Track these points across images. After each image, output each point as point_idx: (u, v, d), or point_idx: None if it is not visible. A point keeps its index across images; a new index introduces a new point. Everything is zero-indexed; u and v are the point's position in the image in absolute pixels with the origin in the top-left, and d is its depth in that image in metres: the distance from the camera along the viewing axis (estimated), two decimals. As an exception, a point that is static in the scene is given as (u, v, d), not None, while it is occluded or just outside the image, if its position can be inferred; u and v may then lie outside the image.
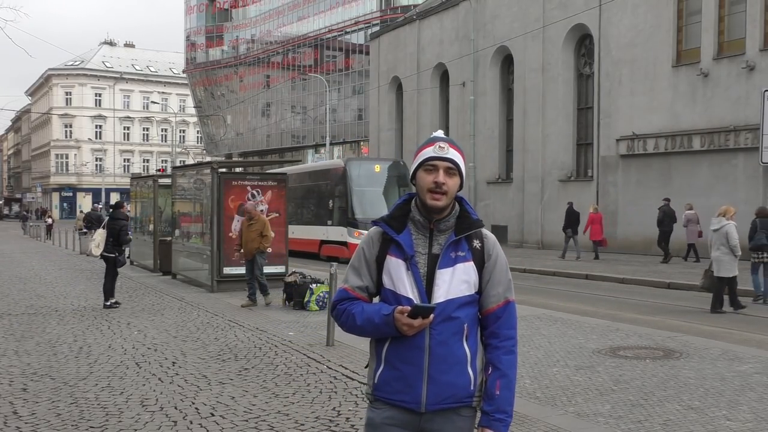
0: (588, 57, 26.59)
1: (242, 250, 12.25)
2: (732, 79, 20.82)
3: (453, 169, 2.50)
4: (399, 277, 2.49)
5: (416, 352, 2.44)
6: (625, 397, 6.11)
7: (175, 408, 5.90)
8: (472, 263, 2.51)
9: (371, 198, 21.99)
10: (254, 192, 14.19)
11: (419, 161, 2.53)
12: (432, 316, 2.40)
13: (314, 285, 11.57)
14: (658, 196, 22.29)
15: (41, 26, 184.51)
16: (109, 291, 11.93)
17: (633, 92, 23.66)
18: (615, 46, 24.29)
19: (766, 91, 18.94)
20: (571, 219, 21.87)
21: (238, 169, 23.94)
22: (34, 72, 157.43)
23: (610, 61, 24.51)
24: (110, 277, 11.97)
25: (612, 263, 20.06)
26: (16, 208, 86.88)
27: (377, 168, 23.07)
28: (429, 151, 2.51)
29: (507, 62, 30.39)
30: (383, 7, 49.21)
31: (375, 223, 2.62)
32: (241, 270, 13.90)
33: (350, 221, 22.01)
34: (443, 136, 2.59)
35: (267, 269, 14.18)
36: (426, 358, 2.44)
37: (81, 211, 42.84)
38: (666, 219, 20.16)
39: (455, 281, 2.47)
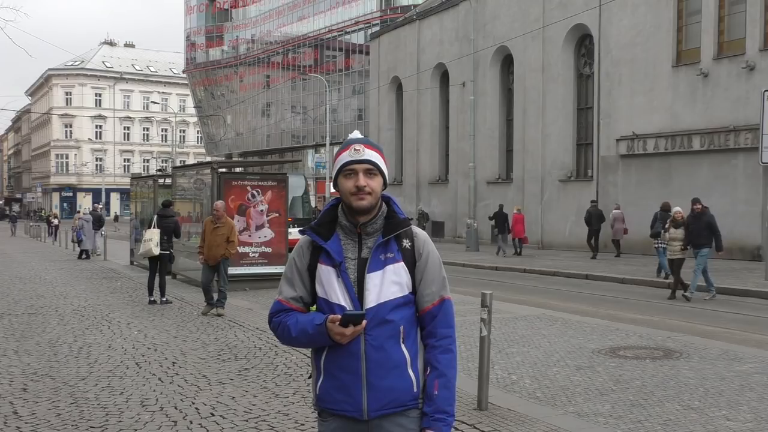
0: (588, 57, 26.59)
1: (203, 254, 11.11)
2: (732, 79, 20.81)
3: (372, 169, 2.45)
4: (330, 284, 2.45)
5: (352, 360, 2.40)
6: (625, 397, 6.10)
7: (175, 408, 5.90)
8: (402, 264, 2.45)
9: None
10: (254, 192, 14.18)
11: (337, 168, 2.48)
12: (364, 322, 2.36)
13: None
14: (658, 196, 22.26)
15: (41, 26, 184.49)
16: (163, 287, 12.35)
17: (633, 92, 23.66)
18: (615, 46, 24.28)
19: (766, 91, 18.91)
20: (500, 220, 23.99)
21: (238, 169, 23.97)
22: (34, 72, 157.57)
23: (610, 61, 24.51)
24: (163, 273, 12.36)
25: (612, 263, 20.06)
26: (16, 208, 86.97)
27: None
28: (345, 156, 2.46)
29: (507, 62, 30.39)
30: (383, 7, 49.23)
31: (302, 231, 2.56)
32: (241, 270, 13.95)
33: None
34: (359, 137, 2.53)
35: (268, 269, 14.26)
36: (363, 364, 2.39)
37: (78, 211, 42.71)
38: (593, 219, 22.12)
39: (386, 283, 2.42)
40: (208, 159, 56.42)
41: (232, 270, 13.76)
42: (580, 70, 27.03)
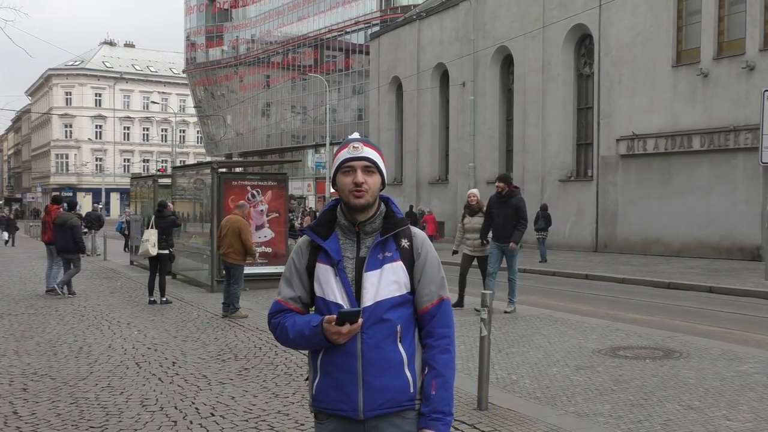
0: (588, 57, 26.59)
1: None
2: (732, 79, 20.82)
3: (371, 167, 2.46)
4: (328, 283, 2.45)
5: (349, 358, 2.39)
6: (625, 397, 6.10)
7: (175, 408, 5.90)
8: (400, 263, 2.45)
9: None
10: (254, 192, 14.18)
11: (336, 165, 2.49)
12: (360, 320, 2.36)
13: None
14: (658, 196, 22.30)
15: (41, 26, 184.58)
16: (163, 287, 12.33)
17: (633, 92, 23.66)
18: (615, 46, 24.29)
19: (766, 91, 18.94)
20: (411, 220, 26.78)
21: (238, 169, 24.00)
22: (34, 72, 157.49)
23: (610, 61, 24.51)
24: (163, 273, 12.37)
25: (612, 263, 20.05)
26: (16, 208, 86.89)
27: None
28: (344, 153, 2.48)
29: (507, 62, 30.39)
30: (383, 7, 49.23)
31: (302, 231, 2.59)
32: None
33: None
34: (358, 136, 2.56)
35: (268, 269, 14.28)
36: (359, 363, 2.38)
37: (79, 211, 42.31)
38: None
39: (384, 282, 2.42)
40: (208, 159, 56.44)
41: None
42: (580, 70, 27.04)
